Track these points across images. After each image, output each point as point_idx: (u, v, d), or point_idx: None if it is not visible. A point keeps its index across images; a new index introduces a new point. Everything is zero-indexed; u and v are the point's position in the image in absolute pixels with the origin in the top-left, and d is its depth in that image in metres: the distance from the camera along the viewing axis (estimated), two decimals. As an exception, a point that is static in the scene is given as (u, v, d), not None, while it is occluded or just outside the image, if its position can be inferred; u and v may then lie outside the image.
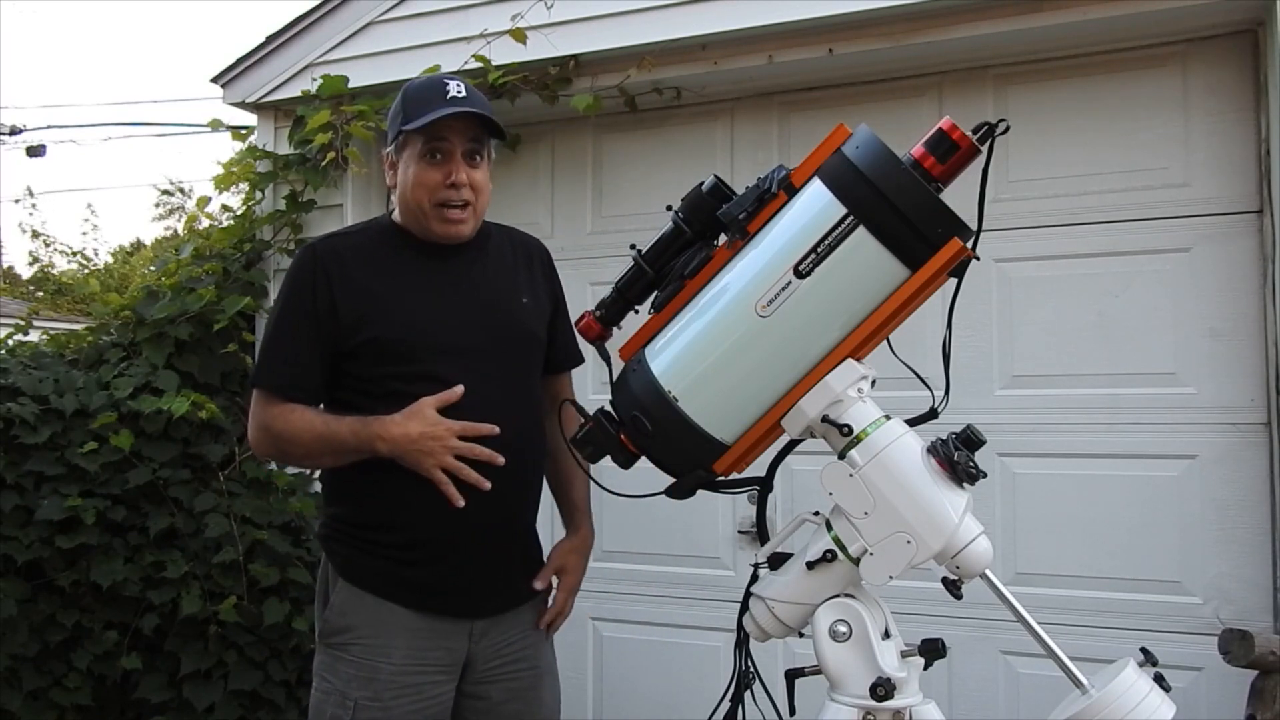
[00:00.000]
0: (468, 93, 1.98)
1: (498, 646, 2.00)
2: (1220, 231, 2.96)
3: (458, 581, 1.95)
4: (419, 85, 2.04)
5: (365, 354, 1.95)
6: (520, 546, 2.07)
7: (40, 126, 19.66)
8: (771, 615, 1.46)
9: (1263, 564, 2.86)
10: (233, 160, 4.04)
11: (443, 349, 1.95)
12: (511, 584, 2.04)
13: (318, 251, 2.03)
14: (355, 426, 1.89)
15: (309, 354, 1.97)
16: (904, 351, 1.49)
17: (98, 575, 3.34)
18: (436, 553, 1.94)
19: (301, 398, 1.96)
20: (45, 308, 11.13)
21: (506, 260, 2.12)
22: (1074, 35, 3.03)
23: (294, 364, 1.97)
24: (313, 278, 1.98)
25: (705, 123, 3.60)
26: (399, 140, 2.00)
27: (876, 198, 1.34)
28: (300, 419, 1.94)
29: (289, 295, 2.01)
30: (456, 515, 1.89)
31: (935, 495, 1.35)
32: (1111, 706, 1.27)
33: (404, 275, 2.01)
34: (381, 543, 1.95)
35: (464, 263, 2.04)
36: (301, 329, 1.97)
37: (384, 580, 1.94)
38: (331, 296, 1.96)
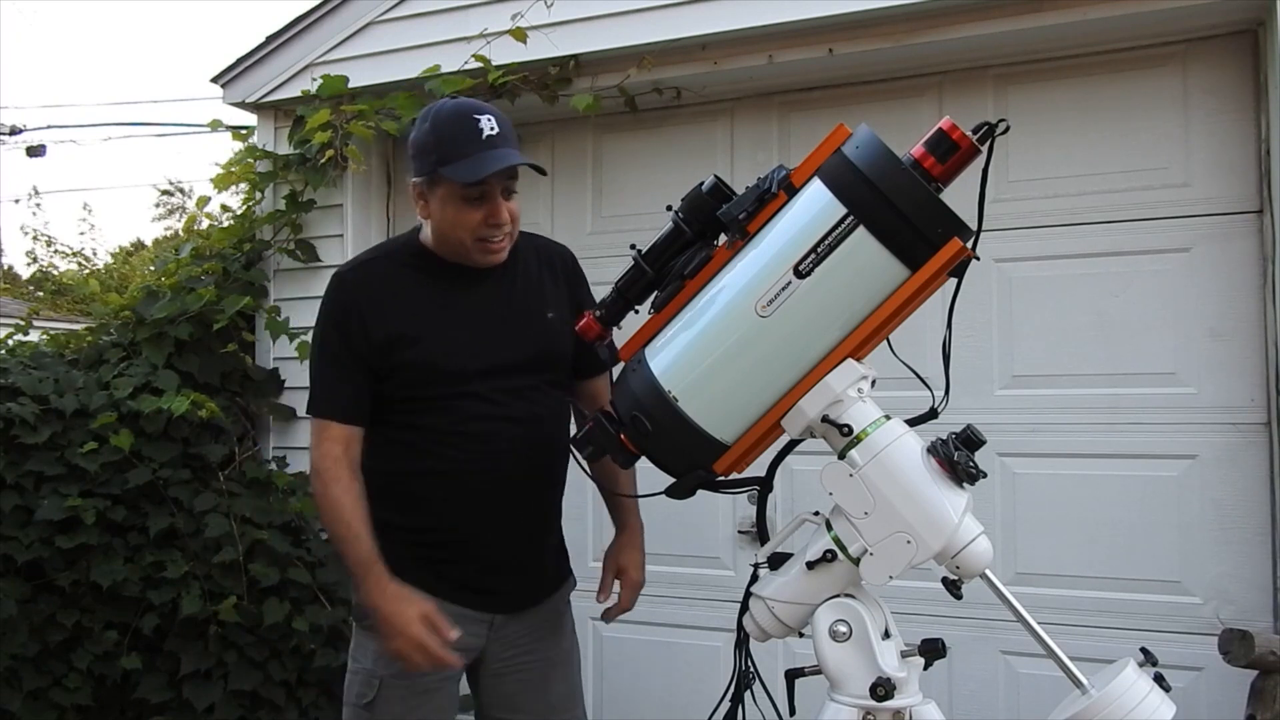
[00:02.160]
0: (500, 127, 2.00)
1: (514, 638, 2.11)
2: (1220, 231, 2.96)
3: (485, 581, 2.07)
4: (450, 121, 2.00)
5: (401, 377, 2.04)
6: (545, 548, 2.17)
7: (40, 126, 19.68)
8: (771, 615, 1.46)
9: (1263, 564, 2.87)
10: (232, 160, 4.04)
11: (475, 371, 2.04)
12: (535, 583, 2.15)
13: (346, 282, 2.10)
14: (365, 560, 1.97)
15: (351, 380, 2.06)
16: (904, 351, 1.49)
17: (98, 575, 3.34)
18: (468, 554, 2.06)
19: (351, 421, 2.05)
20: (45, 308, 11.13)
21: (533, 275, 2.16)
22: (1074, 35, 3.03)
23: (340, 394, 2.06)
24: (345, 308, 2.06)
25: (705, 123, 3.60)
26: (433, 178, 2.00)
27: (876, 198, 1.34)
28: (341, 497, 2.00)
29: (325, 327, 2.10)
30: (488, 521, 2.04)
31: (935, 495, 1.35)
32: (1111, 706, 1.27)
33: (435, 299, 2.07)
34: (415, 541, 2.06)
35: (494, 283, 2.09)
36: (340, 356, 2.06)
37: (416, 570, 2.01)
38: (365, 325, 2.03)
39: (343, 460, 2.02)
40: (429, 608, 1.94)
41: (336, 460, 2.02)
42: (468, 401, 2.02)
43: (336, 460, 2.02)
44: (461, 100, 2.07)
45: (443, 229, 2.04)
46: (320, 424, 2.06)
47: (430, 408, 2.04)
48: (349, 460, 2.03)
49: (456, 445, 2.04)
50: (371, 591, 1.96)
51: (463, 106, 2.03)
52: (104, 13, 50.12)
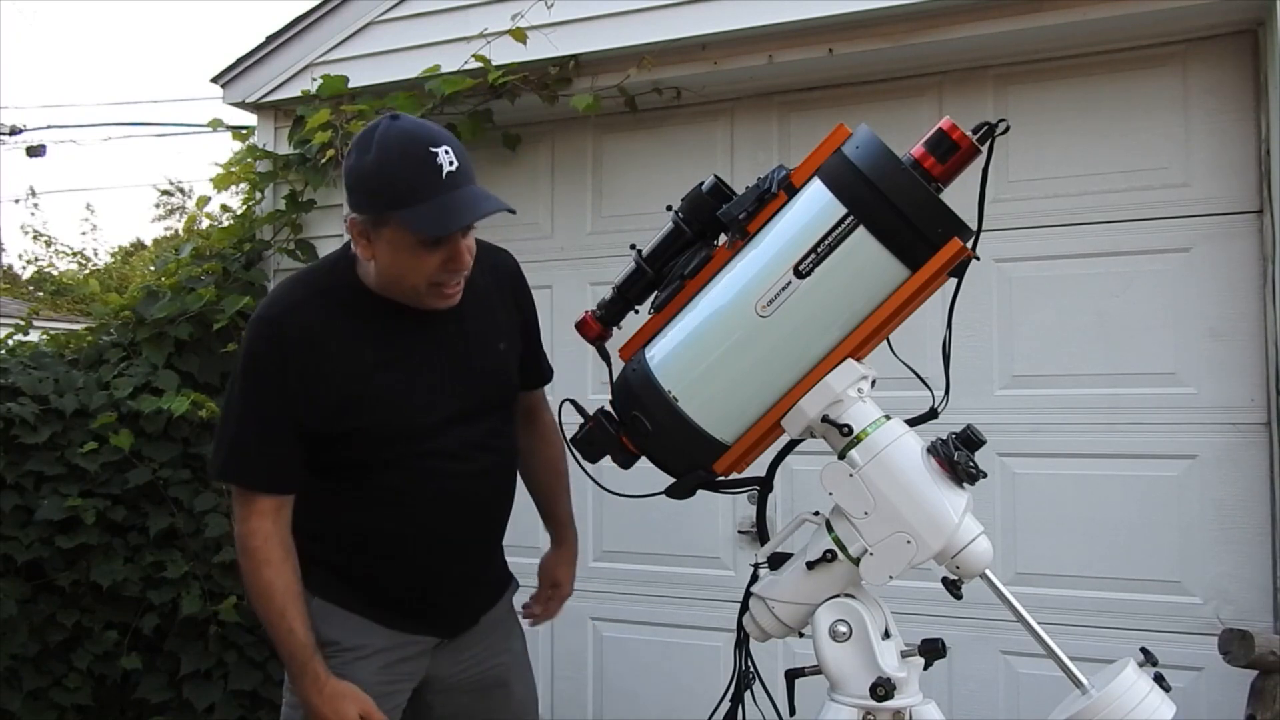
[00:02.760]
0: (459, 160, 1.72)
1: (461, 655, 2.01)
2: (1220, 231, 2.96)
3: (429, 609, 1.95)
4: (402, 156, 1.69)
5: (354, 441, 1.84)
6: (488, 575, 2.07)
7: (40, 126, 19.66)
8: (771, 615, 1.46)
9: (1263, 564, 2.86)
10: (232, 160, 4.04)
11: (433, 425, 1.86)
12: (479, 605, 2.04)
13: (282, 328, 1.81)
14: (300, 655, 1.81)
15: (284, 446, 1.81)
16: (904, 351, 1.49)
17: (98, 575, 3.35)
18: (417, 595, 1.94)
19: (282, 491, 1.83)
20: (45, 308, 11.13)
21: (484, 300, 1.96)
22: (1074, 35, 3.03)
23: (270, 460, 1.82)
24: (283, 366, 1.79)
25: (705, 123, 3.60)
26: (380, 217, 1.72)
27: (876, 198, 1.34)
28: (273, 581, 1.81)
29: (255, 382, 1.82)
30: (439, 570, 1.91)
31: (935, 495, 1.35)
32: (1111, 706, 1.27)
33: (385, 349, 1.84)
34: (359, 579, 1.92)
35: (443, 321, 1.87)
36: (274, 420, 1.80)
37: (361, 600, 1.91)
38: (308, 387, 1.79)
39: (273, 537, 1.81)
40: (368, 705, 1.83)
41: (267, 538, 1.80)
42: (425, 460, 1.85)
43: (267, 538, 1.80)
44: (409, 125, 1.74)
45: (390, 274, 1.78)
46: (246, 495, 1.82)
47: (388, 468, 1.85)
48: (280, 534, 1.82)
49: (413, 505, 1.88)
50: (308, 690, 1.81)
51: (415, 135, 1.71)
52: (104, 13, 50.12)
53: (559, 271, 3.73)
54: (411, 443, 1.84)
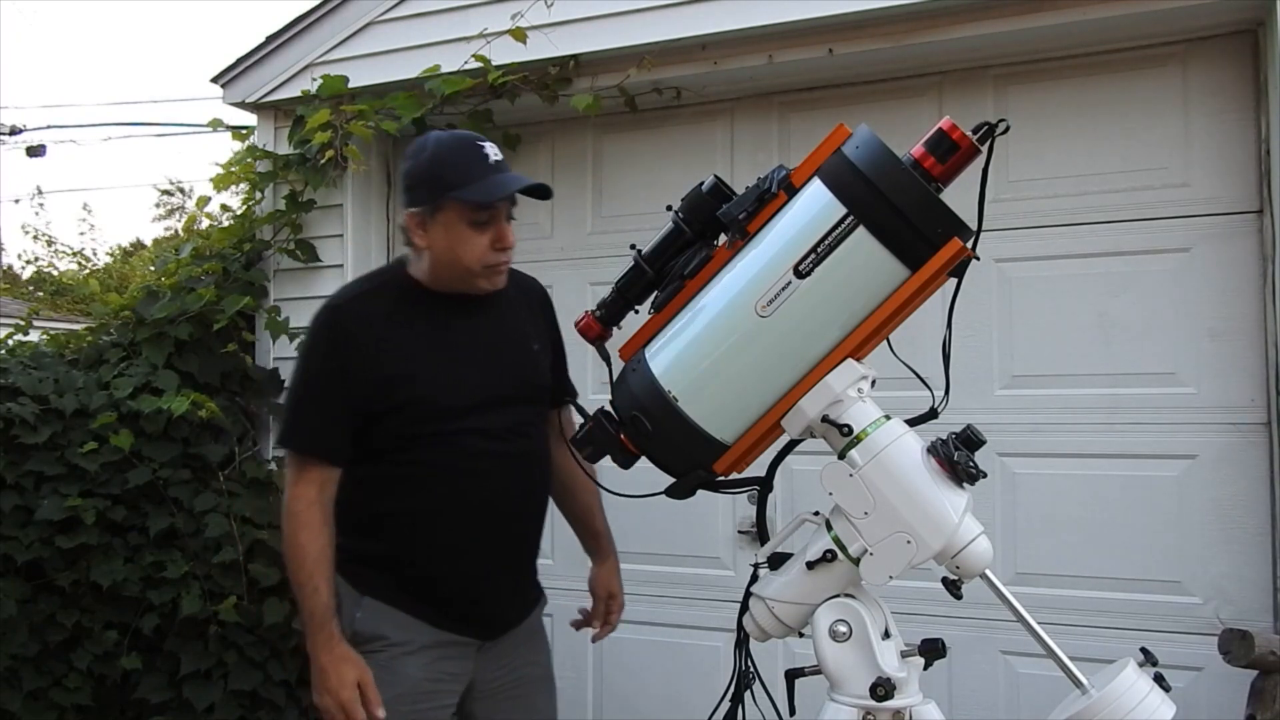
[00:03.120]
0: (500, 154, 2.01)
1: (500, 661, 2.13)
2: (1220, 231, 2.96)
3: (472, 609, 2.09)
4: (454, 149, 2.00)
5: (400, 415, 2.01)
6: (528, 575, 2.21)
7: (40, 126, 19.64)
8: (771, 615, 1.46)
9: (1263, 564, 2.86)
10: (232, 160, 4.04)
11: (472, 405, 2.04)
12: (518, 607, 2.17)
13: (340, 315, 2.06)
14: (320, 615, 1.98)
15: (338, 420, 2.02)
16: (904, 351, 1.49)
17: (98, 575, 3.34)
18: (458, 584, 2.07)
19: (333, 460, 2.03)
20: (45, 308, 11.13)
21: (516, 305, 2.18)
22: (1074, 35, 3.03)
23: (324, 431, 2.03)
24: (340, 343, 2.03)
25: (705, 123, 3.60)
26: (436, 204, 1.98)
27: (876, 197, 1.34)
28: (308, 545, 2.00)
29: (316, 357, 2.06)
30: (480, 558, 2.06)
31: (935, 495, 1.35)
32: (1111, 706, 1.27)
33: (431, 334, 2.05)
34: (404, 572, 2.07)
35: (484, 314, 2.10)
36: (330, 394, 2.02)
37: (409, 599, 2.05)
38: (360, 363, 2.00)
39: (316, 504, 2.00)
40: (366, 676, 1.96)
41: (310, 504, 2.00)
42: (466, 437, 2.03)
43: (310, 504, 2.00)
44: (457, 131, 2.10)
45: (447, 257, 2.01)
46: (299, 461, 2.04)
47: (428, 444, 2.02)
48: (321, 504, 2.01)
49: (453, 482, 2.03)
50: (320, 646, 1.97)
51: (462, 135, 2.05)
52: (104, 13, 50.11)
53: (559, 271, 3.73)
54: (447, 420, 2.02)
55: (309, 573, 1.98)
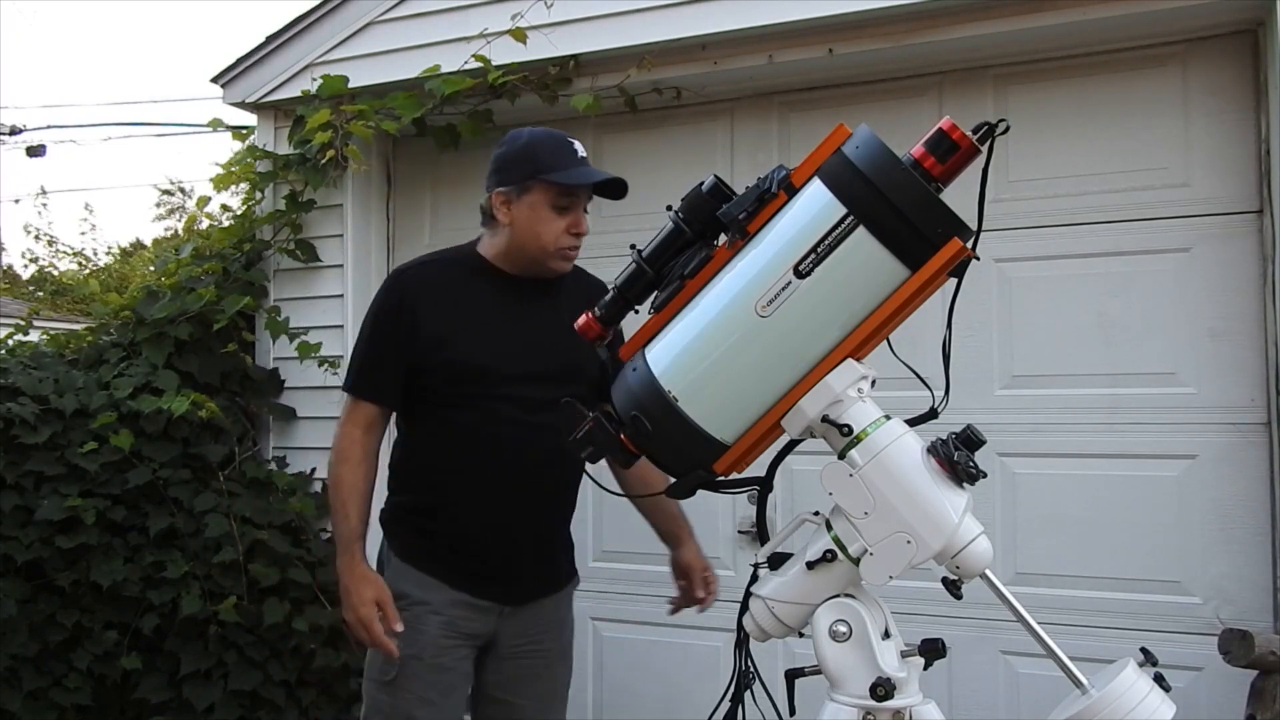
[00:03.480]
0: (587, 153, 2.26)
1: (523, 627, 2.27)
2: (1220, 231, 2.96)
3: (496, 574, 2.23)
4: (547, 138, 2.23)
5: (438, 374, 2.21)
6: (554, 549, 2.34)
7: (40, 126, 19.64)
8: (771, 615, 1.46)
9: (1263, 564, 2.87)
10: (232, 160, 4.04)
11: (508, 375, 2.19)
12: (543, 579, 2.31)
13: (405, 277, 2.29)
14: (347, 537, 2.21)
15: (387, 367, 2.24)
16: (904, 351, 1.49)
17: (98, 575, 3.34)
18: (481, 549, 2.22)
19: (380, 402, 2.27)
20: (45, 308, 11.13)
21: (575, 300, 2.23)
22: (1074, 35, 3.03)
23: (375, 375, 2.26)
24: (399, 301, 2.24)
25: (705, 123, 3.60)
26: (525, 185, 2.18)
27: (876, 198, 1.33)
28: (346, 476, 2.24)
29: (377, 313, 2.28)
30: (502, 522, 2.20)
31: (935, 495, 1.35)
32: (1111, 706, 1.27)
33: (482, 306, 2.23)
34: (435, 532, 2.25)
35: (541, 300, 2.24)
36: (383, 344, 2.25)
37: (434, 562, 2.23)
38: (415, 319, 2.20)
39: (359, 442, 2.24)
40: (384, 595, 2.16)
41: (354, 441, 2.24)
42: (499, 404, 2.18)
43: (354, 441, 2.24)
44: (550, 129, 2.29)
45: (524, 235, 2.20)
46: (350, 402, 2.29)
47: (463, 405, 2.20)
48: (366, 442, 2.24)
49: (483, 445, 2.19)
50: (343, 566, 2.20)
51: (555, 130, 2.28)
52: (104, 13, 50.10)
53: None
54: (485, 384, 2.18)
55: (342, 500, 2.21)
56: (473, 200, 3.95)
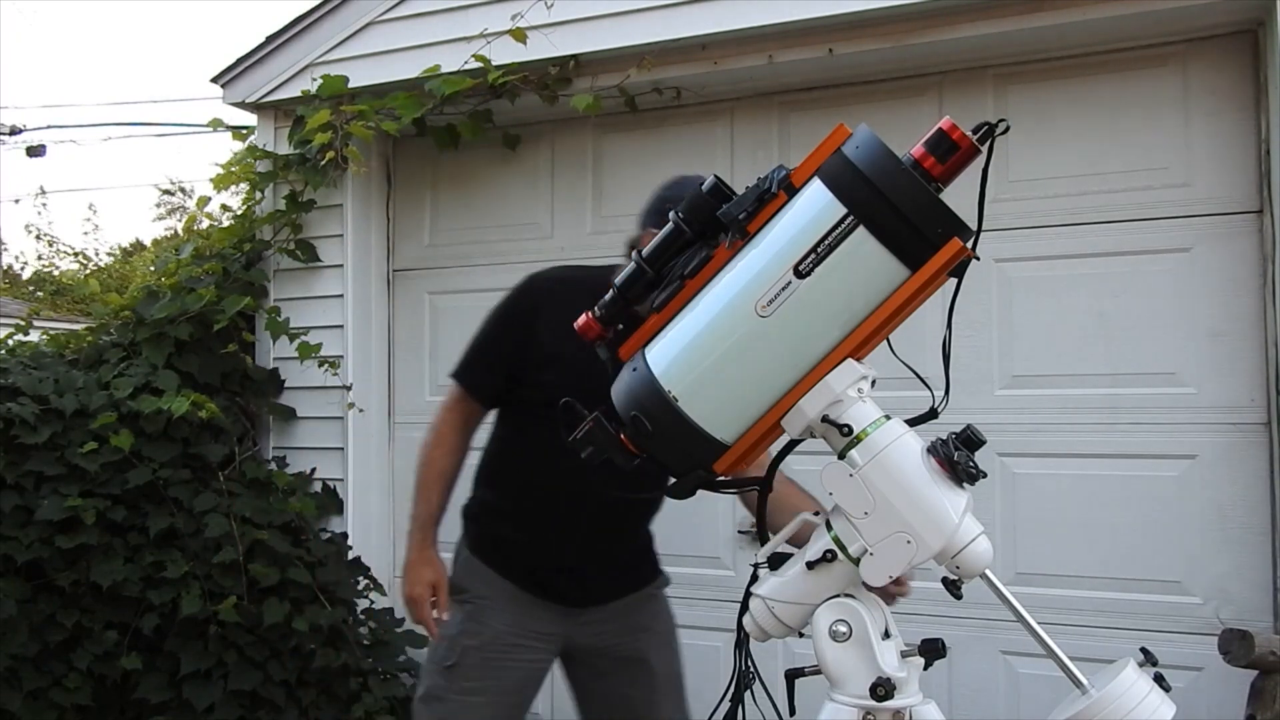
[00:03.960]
0: None
1: (590, 631, 2.27)
2: (1220, 231, 2.96)
3: (561, 580, 2.24)
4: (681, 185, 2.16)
5: (532, 389, 2.20)
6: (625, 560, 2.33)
7: (40, 126, 19.60)
8: (771, 615, 1.46)
9: (1263, 564, 2.87)
10: (232, 160, 4.04)
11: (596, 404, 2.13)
12: (608, 586, 2.29)
13: (537, 287, 2.28)
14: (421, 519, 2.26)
15: (493, 366, 2.26)
16: (904, 351, 1.49)
17: (98, 575, 3.34)
18: (549, 557, 2.24)
19: (477, 396, 2.29)
20: (45, 308, 11.13)
21: None
22: (1074, 35, 3.03)
23: (480, 370, 2.29)
24: (526, 308, 2.24)
25: (705, 123, 3.60)
26: None
27: (876, 198, 1.33)
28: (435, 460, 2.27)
29: (500, 314, 2.29)
30: (572, 535, 2.20)
31: (935, 495, 1.35)
32: (1111, 706, 1.27)
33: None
34: (507, 533, 2.27)
35: None
36: (494, 344, 2.27)
37: (503, 560, 2.25)
38: (533, 333, 2.19)
39: (456, 431, 2.28)
40: (440, 580, 2.22)
41: (452, 428, 2.28)
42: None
43: (452, 428, 2.28)
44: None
45: None
46: (455, 389, 2.31)
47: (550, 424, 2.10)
48: (462, 430, 2.28)
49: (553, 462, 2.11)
50: (413, 545, 2.25)
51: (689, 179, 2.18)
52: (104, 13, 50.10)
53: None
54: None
55: (428, 483, 2.26)
56: (473, 200, 3.98)
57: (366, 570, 3.73)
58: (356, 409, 3.82)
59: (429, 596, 2.21)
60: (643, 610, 2.33)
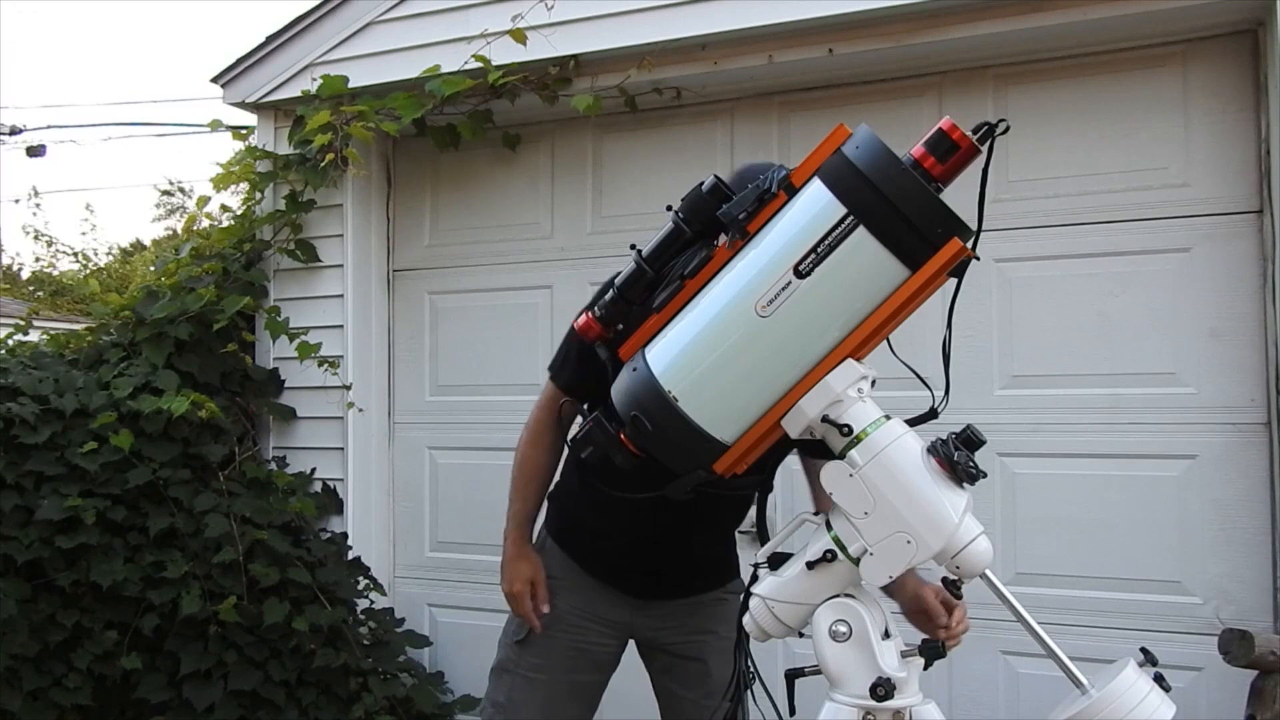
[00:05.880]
0: None
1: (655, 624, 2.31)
2: (1220, 231, 2.96)
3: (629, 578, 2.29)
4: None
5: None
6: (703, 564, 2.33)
7: (40, 126, 19.61)
8: (771, 615, 1.46)
9: (1263, 564, 2.87)
10: (232, 160, 4.04)
11: None
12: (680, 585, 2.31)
13: None
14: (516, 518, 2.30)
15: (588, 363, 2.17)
16: (904, 351, 1.49)
17: (98, 575, 3.34)
18: (632, 552, 2.27)
19: (570, 393, 2.24)
20: (45, 308, 11.12)
21: None
22: (1074, 35, 3.03)
23: (569, 367, 2.25)
24: None
25: (705, 123, 3.60)
26: None
27: (876, 198, 1.33)
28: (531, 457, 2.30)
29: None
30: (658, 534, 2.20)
31: (935, 495, 1.35)
32: (1111, 706, 1.27)
33: None
34: (592, 527, 2.29)
35: None
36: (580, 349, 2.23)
37: (578, 550, 2.30)
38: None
39: (551, 427, 2.27)
40: (539, 575, 2.26)
41: (546, 425, 2.27)
42: None
43: (546, 425, 2.27)
44: None
45: None
46: (549, 385, 2.29)
47: None
48: (556, 430, 2.27)
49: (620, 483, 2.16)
50: (509, 543, 2.29)
51: None
52: (104, 13, 50.08)
53: (559, 271, 3.73)
54: None
55: (525, 479, 2.29)
56: (473, 200, 3.97)
57: (366, 570, 3.73)
58: (356, 409, 3.82)
59: (529, 592, 2.25)
60: (709, 613, 2.31)
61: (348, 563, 3.72)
